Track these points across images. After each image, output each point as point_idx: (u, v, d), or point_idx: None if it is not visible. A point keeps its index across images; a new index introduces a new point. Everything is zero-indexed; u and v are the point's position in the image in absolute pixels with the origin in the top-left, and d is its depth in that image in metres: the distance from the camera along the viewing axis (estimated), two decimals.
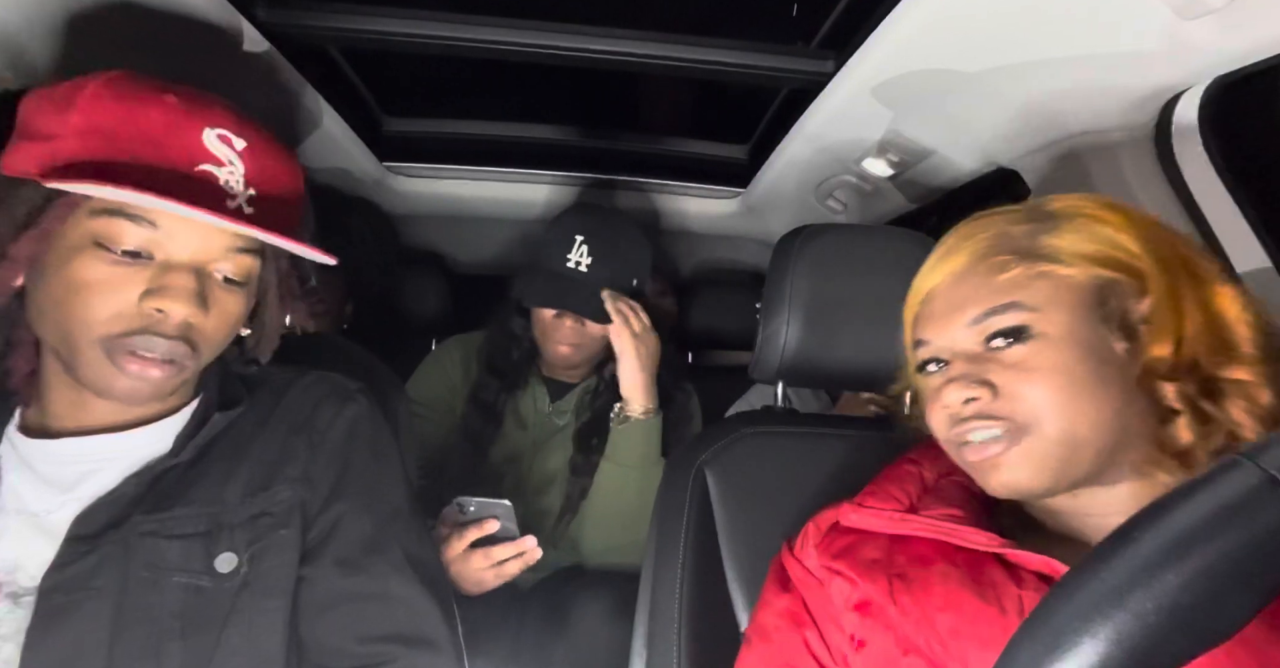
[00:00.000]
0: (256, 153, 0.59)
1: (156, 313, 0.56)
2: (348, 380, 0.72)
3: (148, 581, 0.57)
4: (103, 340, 0.55)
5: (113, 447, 0.61)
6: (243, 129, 0.59)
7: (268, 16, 0.89)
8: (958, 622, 0.52)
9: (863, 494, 0.63)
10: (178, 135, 0.56)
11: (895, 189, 1.28)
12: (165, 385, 0.58)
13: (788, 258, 0.83)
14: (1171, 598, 0.28)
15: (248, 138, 0.59)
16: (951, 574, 0.55)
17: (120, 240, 0.55)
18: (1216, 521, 0.30)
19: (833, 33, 0.96)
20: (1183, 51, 0.69)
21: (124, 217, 0.55)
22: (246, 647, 0.58)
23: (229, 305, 0.60)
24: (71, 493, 0.59)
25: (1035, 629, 0.31)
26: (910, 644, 0.53)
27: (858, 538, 0.61)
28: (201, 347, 0.59)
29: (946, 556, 0.56)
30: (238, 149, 0.58)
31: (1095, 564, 0.31)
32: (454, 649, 0.66)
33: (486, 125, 1.45)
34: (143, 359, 0.56)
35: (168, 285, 0.56)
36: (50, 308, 0.56)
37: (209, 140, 0.57)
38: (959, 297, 0.56)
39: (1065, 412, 0.51)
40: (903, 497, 0.61)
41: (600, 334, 1.17)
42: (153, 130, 0.55)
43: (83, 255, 0.55)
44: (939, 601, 0.54)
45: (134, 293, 0.55)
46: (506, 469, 1.21)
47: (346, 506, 0.65)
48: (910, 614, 0.54)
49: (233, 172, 0.57)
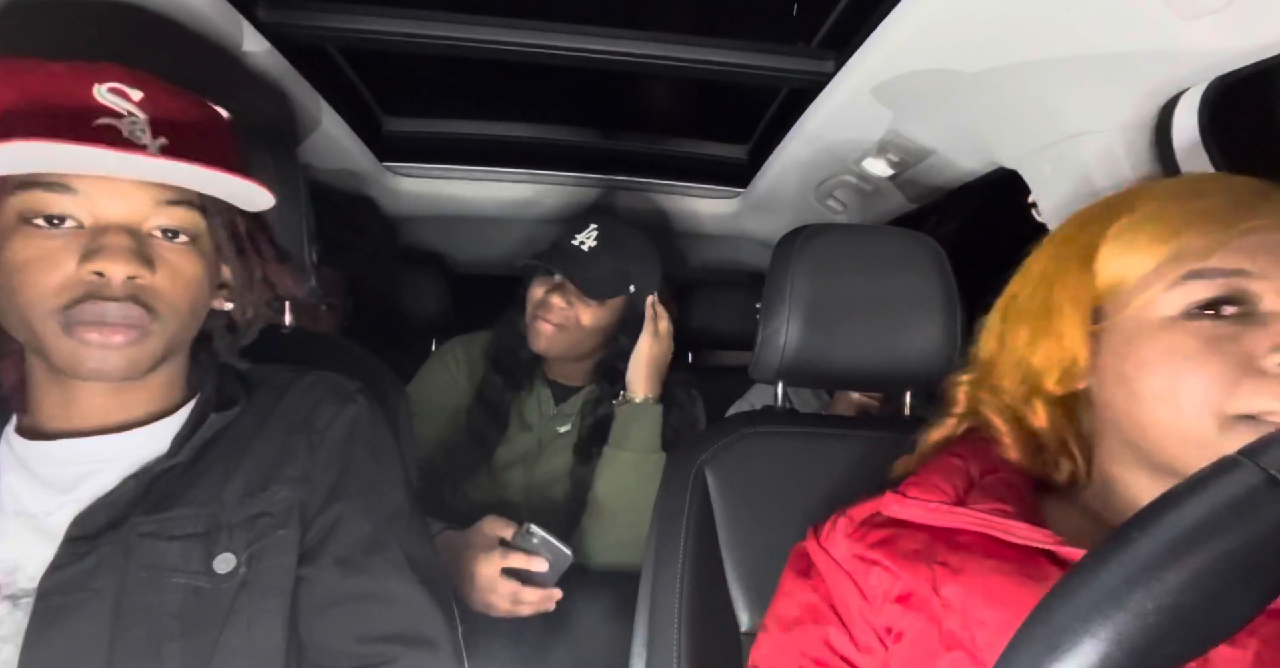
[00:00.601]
0: (158, 100, 0.57)
1: (96, 277, 0.55)
2: (347, 381, 0.72)
3: (147, 581, 0.57)
4: (54, 314, 0.55)
5: (110, 448, 0.61)
6: (138, 81, 0.57)
7: (268, 16, 0.89)
8: (1007, 619, 0.50)
9: (906, 485, 0.60)
10: (68, 96, 0.54)
11: (895, 189, 1.27)
12: (137, 356, 0.57)
13: (788, 258, 0.83)
14: (1172, 598, 0.28)
15: (145, 88, 0.57)
16: (1001, 569, 0.52)
17: (43, 209, 0.54)
18: (1216, 520, 0.30)
19: (833, 33, 0.96)
20: (1183, 51, 0.69)
21: (40, 187, 0.54)
22: (246, 647, 0.58)
23: (179, 264, 0.59)
24: (70, 494, 0.59)
25: (1035, 629, 0.31)
26: (954, 639, 0.51)
27: (895, 531, 0.59)
28: (159, 308, 0.58)
29: (994, 551, 0.54)
30: (135, 100, 0.56)
31: (1095, 564, 0.31)
32: (454, 649, 0.66)
33: (486, 125, 1.45)
34: (100, 327, 0.55)
35: (102, 245, 0.54)
36: (3, 299, 0.56)
37: (101, 95, 0.55)
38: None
39: None
40: (949, 489, 0.59)
41: (588, 324, 1.18)
42: (42, 94, 0.54)
43: (14, 236, 0.54)
44: (987, 595, 0.52)
45: (71, 261, 0.54)
46: (511, 471, 1.21)
47: (346, 506, 0.65)
48: (955, 608, 0.52)
49: (135, 121, 0.55)
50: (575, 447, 1.20)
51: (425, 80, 1.31)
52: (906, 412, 0.92)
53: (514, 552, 0.92)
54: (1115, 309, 0.53)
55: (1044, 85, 0.83)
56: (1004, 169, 1.03)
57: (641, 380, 1.17)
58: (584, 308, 1.17)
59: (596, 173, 1.50)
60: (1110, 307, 0.54)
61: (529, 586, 0.92)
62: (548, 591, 0.93)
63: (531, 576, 0.92)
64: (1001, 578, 0.52)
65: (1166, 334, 0.49)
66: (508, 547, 0.93)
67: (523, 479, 1.20)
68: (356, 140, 1.28)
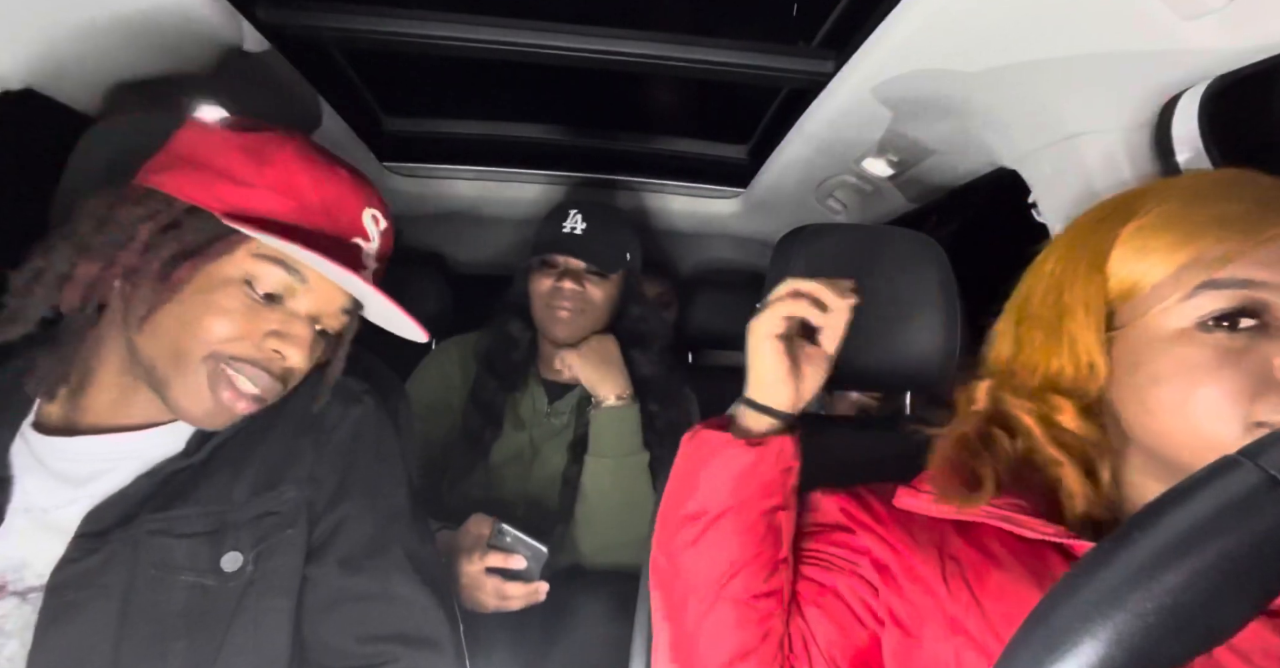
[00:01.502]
0: (387, 234, 0.67)
1: (275, 354, 0.61)
2: (353, 381, 0.72)
3: (155, 579, 0.57)
4: (213, 358, 0.58)
5: (127, 446, 0.62)
6: (385, 212, 0.67)
7: (268, 16, 0.89)
8: (1013, 612, 0.50)
9: (918, 479, 0.61)
10: (346, 210, 0.63)
11: (895, 189, 1.28)
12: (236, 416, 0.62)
13: (788, 258, 0.83)
14: (1172, 598, 0.28)
15: (388, 220, 0.67)
16: (1009, 563, 0.53)
17: (266, 284, 0.60)
18: (1216, 520, 0.30)
19: (833, 33, 0.96)
20: (1183, 51, 0.69)
21: (282, 265, 0.60)
22: (252, 646, 0.58)
23: (317, 352, 0.65)
24: (82, 490, 0.59)
25: (1035, 629, 0.31)
26: (958, 626, 0.52)
27: (910, 518, 0.59)
28: (289, 384, 0.64)
29: (1007, 545, 0.54)
30: (380, 229, 0.66)
31: (1095, 564, 0.31)
32: (455, 649, 0.66)
33: (486, 125, 1.45)
34: (237, 392, 0.60)
35: (293, 333, 0.61)
36: (173, 326, 0.58)
37: (366, 219, 0.64)
38: None
39: None
40: None
41: (600, 301, 1.20)
42: (329, 201, 0.62)
43: (229, 288, 0.59)
44: (995, 589, 0.52)
45: (260, 329, 0.60)
46: (506, 471, 1.21)
47: (350, 506, 0.65)
48: (961, 599, 0.53)
49: (372, 247, 0.65)
50: (570, 446, 1.20)
51: (425, 80, 1.31)
52: (907, 411, 0.92)
53: (492, 551, 0.94)
54: (1129, 316, 0.51)
55: (1044, 85, 0.83)
56: (1004, 169, 1.03)
57: (597, 385, 1.17)
58: (594, 287, 1.20)
59: (596, 173, 1.50)
60: (1123, 312, 0.52)
61: (514, 581, 0.93)
62: (533, 584, 0.94)
63: (515, 573, 0.93)
64: (1009, 572, 0.52)
65: (1179, 347, 0.48)
66: (482, 547, 0.94)
67: (519, 478, 1.20)
68: (356, 140, 1.28)
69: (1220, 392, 0.46)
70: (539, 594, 0.95)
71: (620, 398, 1.16)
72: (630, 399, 1.17)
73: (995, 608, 0.52)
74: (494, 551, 0.94)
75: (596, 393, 1.17)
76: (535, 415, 1.24)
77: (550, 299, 1.20)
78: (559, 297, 1.19)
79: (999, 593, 0.52)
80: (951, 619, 0.53)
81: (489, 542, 0.94)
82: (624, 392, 1.17)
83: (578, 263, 1.21)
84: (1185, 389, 0.47)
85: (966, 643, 0.52)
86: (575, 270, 1.20)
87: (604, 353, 1.20)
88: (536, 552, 0.94)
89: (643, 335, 1.28)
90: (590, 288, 1.20)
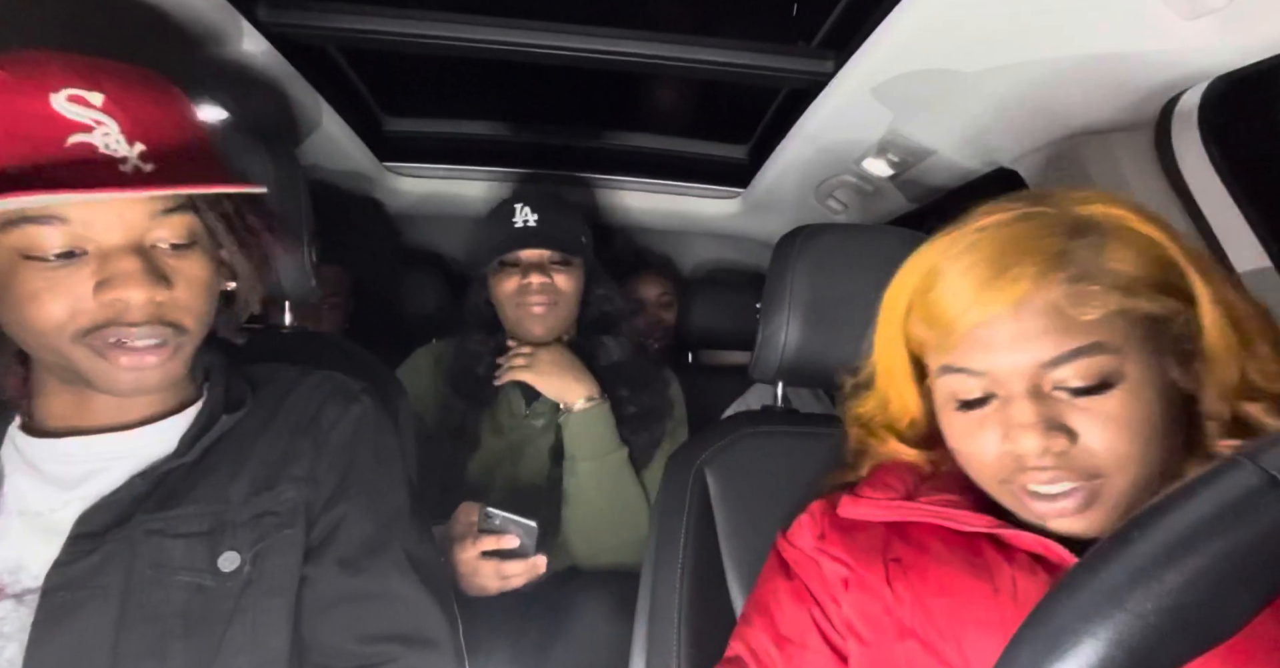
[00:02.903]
0: (119, 98, 0.53)
1: (117, 303, 0.53)
2: (352, 381, 0.72)
3: (152, 579, 0.57)
4: (77, 339, 0.54)
5: (118, 446, 0.61)
6: (91, 79, 0.52)
7: (268, 16, 0.89)
8: (952, 604, 0.53)
9: (861, 485, 0.64)
10: (26, 115, 0.50)
11: (895, 189, 1.27)
12: (172, 370, 0.57)
13: (788, 258, 0.83)
14: (1172, 598, 0.28)
15: (101, 86, 0.52)
16: (947, 557, 0.55)
17: (45, 246, 0.52)
18: (1216, 521, 0.30)
19: (833, 33, 0.96)
20: (1183, 51, 0.69)
21: (31, 222, 0.51)
22: (250, 646, 0.58)
23: (191, 271, 0.57)
24: (75, 492, 0.59)
25: (1035, 629, 0.31)
26: (905, 629, 0.54)
27: (854, 526, 0.62)
28: (184, 321, 0.57)
29: (944, 540, 0.57)
30: (97, 105, 0.52)
31: (1095, 564, 0.31)
32: (454, 649, 0.66)
33: (486, 125, 1.45)
34: (131, 350, 0.54)
35: (115, 273, 0.53)
36: (17, 330, 0.55)
37: (62, 107, 0.51)
38: (1026, 330, 0.49)
39: (1142, 460, 0.48)
40: (899, 485, 0.61)
41: (569, 289, 1.17)
42: (5, 119, 0.50)
43: (17, 271, 0.52)
44: (935, 585, 0.54)
45: (83, 287, 0.53)
46: (486, 481, 1.17)
47: (349, 505, 0.65)
48: (905, 600, 0.55)
49: (107, 132, 0.51)
50: (552, 448, 1.17)
51: (425, 80, 1.31)
52: None
53: (484, 535, 0.93)
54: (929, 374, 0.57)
55: (1044, 85, 0.83)
56: (1004, 169, 1.03)
57: (564, 391, 1.14)
58: (560, 276, 1.17)
59: (597, 173, 1.50)
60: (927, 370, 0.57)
61: (511, 560, 0.94)
62: (531, 560, 0.94)
63: (511, 552, 0.94)
64: (948, 567, 0.55)
65: (951, 414, 0.55)
66: (475, 533, 0.94)
67: (504, 486, 1.17)
68: (356, 140, 1.28)
69: (982, 447, 0.53)
70: (539, 567, 0.95)
71: (589, 399, 1.14)
72: (600, 398, 1.15)
73: (938, 605, 0.53)
74: (486, 534, 0.94)
75: (564, 402, 1.14)
76: (514, 419, 1.20)
77: (520, 298, 1.16)
78: (528, 293, 1.15)
79: (939, 589, 0.54)
80: (899, 623, 0.55)
81: (479, 527, 0.95)
82: (592, 393, 1.14)
83: (540, 255, 1.17)
84: (959, 446, 0.55)
85: (917, 646, 0.53)
86: (539, 263, 1.16)
87: (558, 362, 1.15)
88: (527, 528, 0.94)
89: (610, 318, 1.25)
90: (558, 278, 1.16)
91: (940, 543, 0.57)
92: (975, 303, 0.50)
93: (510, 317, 1.19)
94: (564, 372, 1.14)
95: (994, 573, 0.53)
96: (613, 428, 1.14)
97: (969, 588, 0.53)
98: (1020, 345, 0.49)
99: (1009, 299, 0.49)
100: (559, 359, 1.16)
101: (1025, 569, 0.52)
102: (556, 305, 1.17)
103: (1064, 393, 0.49)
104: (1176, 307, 0.50)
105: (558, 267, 1.17)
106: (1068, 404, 0.49)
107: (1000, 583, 0.52)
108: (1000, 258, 0.50)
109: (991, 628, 0.51)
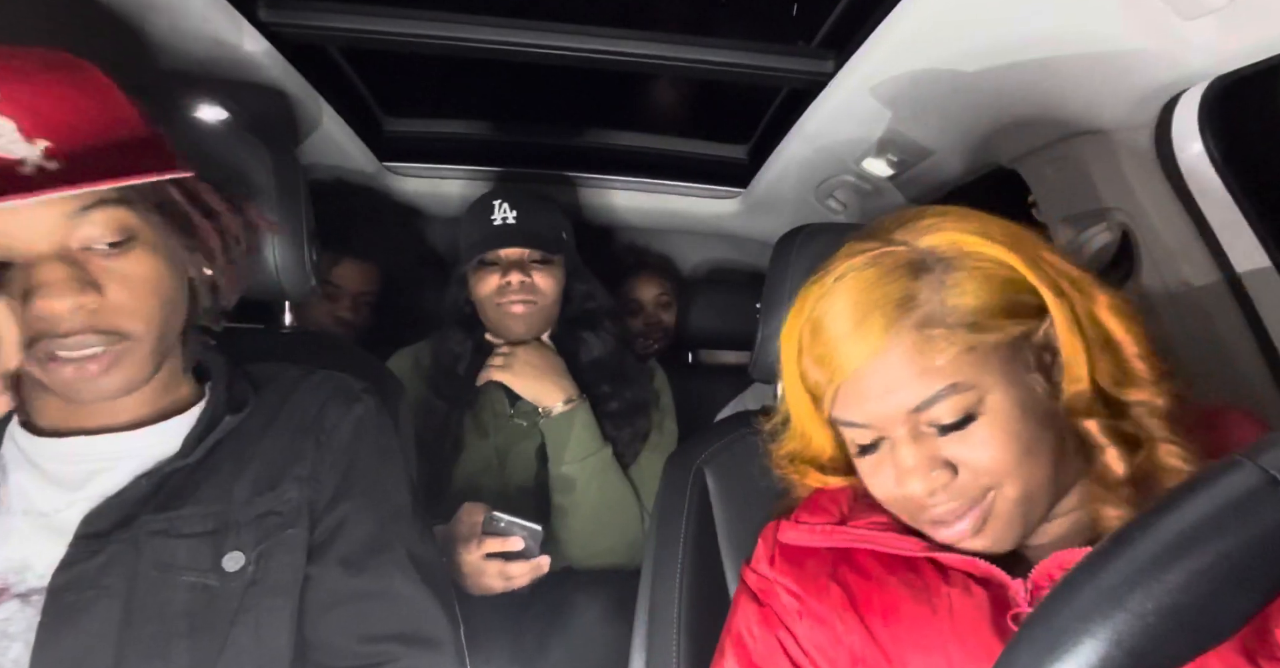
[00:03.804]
0: (19, 97, 0.48)
1: (43, 315, 0.50)
2: (354, 380, 0.72)
3: (156, 579, 0.57)
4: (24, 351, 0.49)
5: (121, 446, 0.61)
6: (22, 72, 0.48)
7: (268, 16, 0.89)
8: (897, 630, 0.53)
9: (798, 510, 0.63)
10: None
11: (895, 189, 1.28)
12: (127, 375, 0.55)
13: (787, 258, 0.83)
14: (1171, 598, 0.29)
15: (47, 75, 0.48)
16: (888, 581, 0.56)
17: None
18: (1216, 521, 0.30)
19: (833, 33, 0.96)
20: (1183, 51, 0.69)
21: None
22: (254, 646, 0.58)
23: (129, 270, 0.53)
24: (80, 492, 0.59)
25: (1035, 629, 0.31)
26: (855, 658, 0.55)
27: (800, 553, 0.61)
28: (124, 325, 0.53)
29: (885, 563, 0.57)
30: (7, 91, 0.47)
31: (1095, 564, 0.31)
32: (455, 649, 0.66)
33: (486, 125, 1.45)
34: (68, 361, 0.52)
35: (37, 284, 0.49)
36: None
37: None
38: (888, 380, 0.50)
39: (1022, 472, 0.50)
40: (833, 509, 0.61)
41: (549, 288, 1.16)
42: None
43: None
44: (879, 611, 0.55)
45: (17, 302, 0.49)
46: (477, 483, 1.16)
47: (351, 505, 0.65)
48: (854, 629, 0.55)
49: (1, 133, 0.47)
50: (539, 449, 1.15)
51: (425, 80, 1.31)
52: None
53: (489, 537, 0.94)
54: None
55: (1044, 85, 0.83)
56: (1004, 169, 1.03)
57: (541, 394, 1.12)
58: (540, 275, 1.15)
59: (597, 173, 1.50)
60: None
61: (515, 561, 0.94)
62: (534, 561, 0.95)
63: (515, 554, 0.95)
64: (890, 591, 0.55)
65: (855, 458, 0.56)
66: (479, 534, 0.95)
67: (491, 490, 1.15)
68: (356, 140, 1.28)
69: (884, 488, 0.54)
70: (542, 568, 0.96)
71: (568, 401, 1.12)
72: (579, 398, 1.13)
73: (884, 632, 0.54)
74: (490, 536, 0.94)
75: (543, 403, 1.12)
76: (498, 420, 1.18)
77: (499, 297, 1.14)
78: (507, 292, 1.13)
79: (884, 615, 0.54)
80: (849, 651, 0.55)
81: (484, 529, 0.95)
82: (570, 394, 1.13)
83: (520, 253, 1.15)
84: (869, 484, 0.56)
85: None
86: (519, 261, 1.14)
87: (534, 363, 1.14)
88: (532, 531, 0.95)
89: (592, 314, 1.23)
90: (538, 277, 1.14)
91: (881, 567, 0.57)
92: (841, 356, 0.51)
93: (490, 316, 1.17)
94: (541, 374, 1.13)
95: (931, 594, 0.53)
96: (593, 428, 1.13)
97: (911, 612, 0.53)
98: (887, 396, 0.50)
99: (868, 352, 0.50)
100: (536, 361, 1.14)
101: (960, 588, 0.53)
102: (536, 304, 1.15)
103: (935, 430, 0.50)
104: (1028, 326, 0.51)
105: (537, 265, 1.16)
106: (944, 440, 0.50)
107: (938, 603, 0.53)
108: (854, 309, 0.51)
109: (933, 651, 0.51)
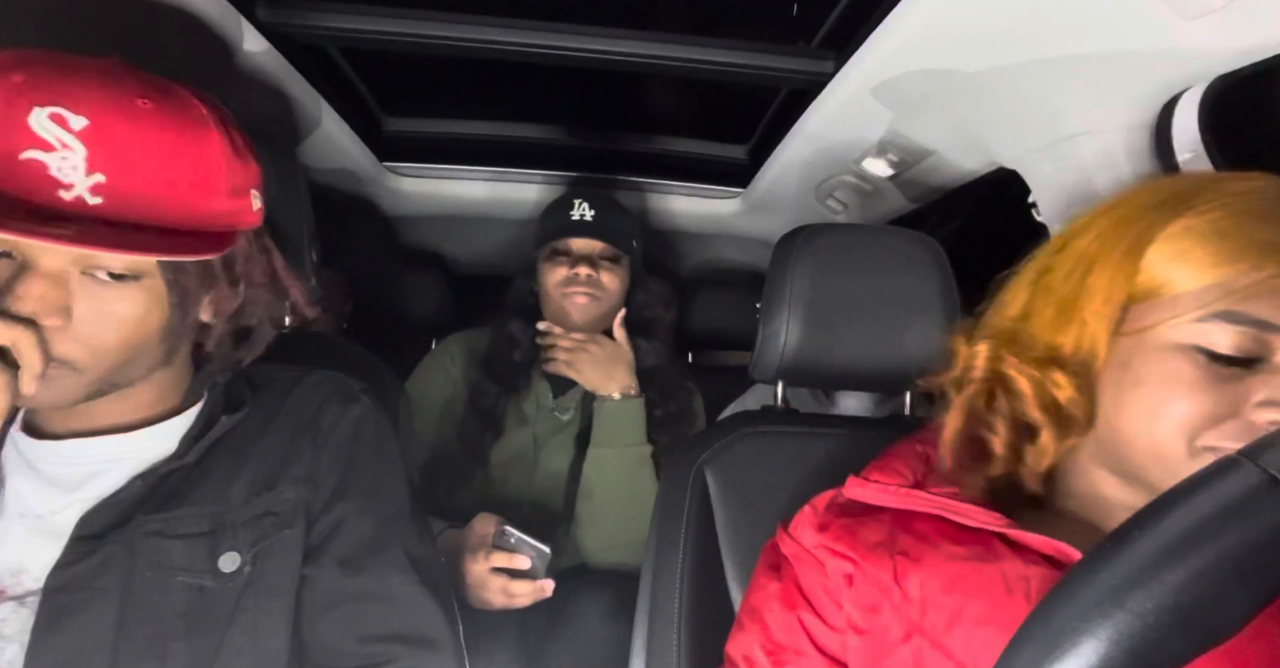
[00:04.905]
0: (105, 130, 0.50)
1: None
2: (352, 380, 0.72)
3: (152, 580, 0.57)
4: None
5: (118, 448, 0.61)
6: (88, 104, 0.50)
7: (268, 16, 0.89)
8: (963, 602, 0.51)
9: (868, 469, 0.62)
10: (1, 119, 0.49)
11: (895, 189, 1.27)
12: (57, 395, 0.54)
13: (788, 258, 0.83)
14: (1171, 598, 0.28)
15: (94, 114, 0.50)
16: (957, 554, 0.53)
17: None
18: (1216, 520, 0.30)
19: (833, 33, 0.96)
20: (1183, 51, 0.69)
21: None
22: (250, 646, 0.58)
23: (113, 304, 0.54)
24: (76, 494, 0.59)
25: (1035, 629, 0.31)
26: (914, 626, 0.52)
27: (857, 521, 0.60)
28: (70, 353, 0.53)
29: (951, 536, 0.55)
30: (76, 129, 0.49)
31: (1095, 564, 0.31)
32: (455, 649, 0.66)
33: (486, 125, 1.45)
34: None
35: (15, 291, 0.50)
36: None
37: (36, 123, 0.49)
38: None
39: None
40: (908, 473, 0.60)
41: (613, 287, 1.21)
42: None
43: None
44: (944, 581, 0.53)
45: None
46: (508, 471, 1.20)
47: (349, 506, 0.65)
48: (914, 598, 0.53)
49: (67, 157, 0.49)
50: (575, 439, 1.20)
51: (425, 80, 1.31)
52: (906, 412, 0.92)
53: (497, 551, 0.95)
54: (1138, 320, 0.50)
55: (1044, 85, 0.83)
56: (1004, 169, 1.03)
57: (604, 384, 1.17)
58: (607, 273, 1.21)
59: (597, 173, 1.50)
60: (1135, 313, 0.51)
61: (520, 579, 0.95)
62: (539, 582, 0.96)
63: (520, 572, 0.95)
64: (958, 564, 0.53)
65: (1173, 360, 0.48)
66: (487, 547, 0.96)
67: (521, 478, 1.19)
68: (356, 140, 1.28)
69: (1190, 411, 0.46)
70: (545, 591, 0.96)
71: (626, 395, 1.17)
72: (637, 394, 1.18)
73: (947, 603, 0.52)
74: (499, 551, 0.95)
75: (601, 391, 1.17)
76: (539, 411, 1.23)
77: (566, 286, 1.20)
78: (574, 283, 1.19)
79: (948, 586, 0.52)
80: (906, 620, 0.53)
81: (494, 543, 0.95)
82: (631, 390, 1.18)
83: (591, 247, 1.21)
84: (1160, 399, 0.48)
85: (925, 643, 0.52)
86: (589, 255, 1.21)
87: (611, 355, 1.19)
88: (541, 552, 0.96)
89: (648, 324, 1.28)
90: (604, 274, 1.20)
91: (946, 538, 0.55)
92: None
93: (553, 305, 1.22)
94: (612, 365, 1.18)
95: (1007, 572, 0.51)
96: (643, 424, 1.17)
97: (980, 586, 0.51)
98: None
99: None
100: (611, 353, 1.20)
101: (1039, 570, 0.51)
102: (599, 300, 1.21)
103: None
104: None
105: (606, 263, 1.22)
106: None
107: (1014, 583, 0.50)
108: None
109: (1003, 627, 0.49)
